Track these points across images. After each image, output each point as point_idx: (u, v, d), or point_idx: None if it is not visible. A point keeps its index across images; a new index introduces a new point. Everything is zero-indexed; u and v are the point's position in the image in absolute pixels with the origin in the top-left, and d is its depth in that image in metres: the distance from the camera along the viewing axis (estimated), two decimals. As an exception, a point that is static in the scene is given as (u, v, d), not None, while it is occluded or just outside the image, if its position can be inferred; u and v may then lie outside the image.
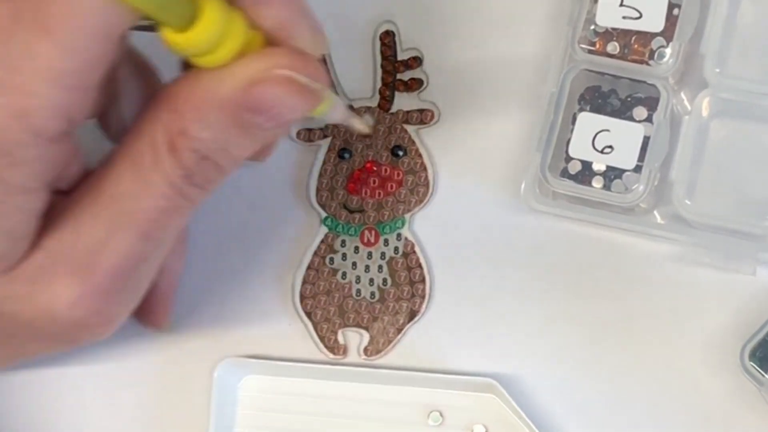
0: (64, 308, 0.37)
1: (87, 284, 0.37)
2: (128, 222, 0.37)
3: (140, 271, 0.38)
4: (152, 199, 0.37)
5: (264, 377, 0.47)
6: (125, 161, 0.37)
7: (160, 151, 0.36)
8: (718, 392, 0.45)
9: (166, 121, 0.36)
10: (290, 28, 0.37)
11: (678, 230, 0.45)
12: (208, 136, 0.36)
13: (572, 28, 0.46)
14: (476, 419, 0.46)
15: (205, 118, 0.36)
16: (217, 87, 0.36)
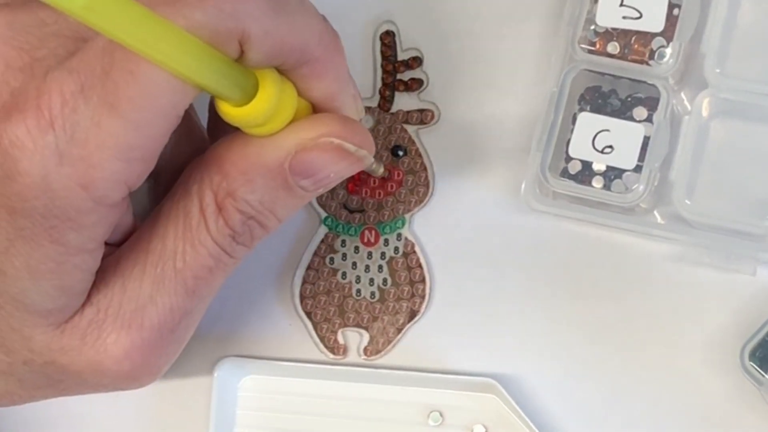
0: (111, 362, 0.38)
1: (134, 339, 0.38)
2: (175, 280, 0.38)
3: (184, 325, 0.40)
4: (199, 258, 0.38)
5: (264, 377, 0.47)
6: (173, 219, 0.38)
7: (208, 211, 0.38)
8: (718, 392, 0.45)
9: (215, 182, 0.38)
10: (337, 98, 0.39)
11: (678, 230, 0.45)
12: (255, 199, 0.38)
13: (572, 28, 0.46)
14: (476, 419, 0.46)
15: (254, 181, 0.37)
16: (267, 152, 0.37)
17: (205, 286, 0.39)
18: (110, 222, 0.37)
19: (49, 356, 0.39)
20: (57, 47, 0.36)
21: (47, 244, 0.35)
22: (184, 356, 0.47)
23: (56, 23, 0.37)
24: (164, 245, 0.38)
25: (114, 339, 0.38)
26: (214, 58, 0.34)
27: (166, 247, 0.38)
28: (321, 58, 0.38)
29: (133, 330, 0.38)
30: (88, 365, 0.39)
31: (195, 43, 0.33)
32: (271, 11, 0.35)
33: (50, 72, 0.35)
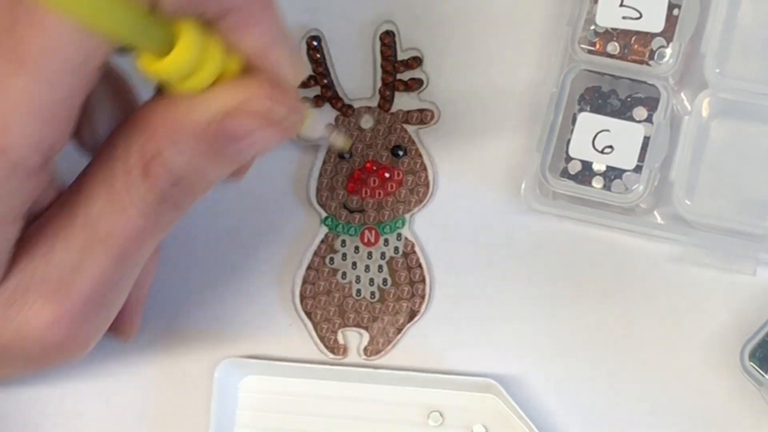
0: (37, 332, 0.37)
1: (61, 308, 0.37)
2: (102, 245, 0.37)
3: (114, 292, 0.38)
4: (126, 222, 0.36)
5: (264, 377, 0.47)
6: (98, 183, 0.36)
7: (134, 174, 0.36)
8: (718, 392, 0.45)
9: (140, 144, 0.36)
10: (269, 53, 0.37)
11: (678, 230, 0.45)
12: (182, 161, 0.36)
13: (572, 28, 0.46)
14: (476, 419, 0.46)
15: (180, 143, 0.36)
16: (193, 113, 0.36)
17: (133, 253, 0.37)
18: (30, 191, 0.35)
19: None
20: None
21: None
22: (184, 356, 0.47)
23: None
24: (89, 210, 0.36)
25: (38, 308, 0.37)
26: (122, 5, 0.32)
27: (91, 212, 0.36)
28: (245, 6, 0.36)
29: (58, 298, 0.37)
30: (13, 336, 0.37)
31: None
32: None
33: None
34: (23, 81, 0.32)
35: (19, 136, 0.33)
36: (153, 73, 0.35)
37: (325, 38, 0.48)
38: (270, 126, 0.36)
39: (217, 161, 0.37)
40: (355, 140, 0.48)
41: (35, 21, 0.32)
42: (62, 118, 0.34)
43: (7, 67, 0.32)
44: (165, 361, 0.47)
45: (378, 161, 0.48)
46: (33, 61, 0.32)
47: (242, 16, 0.36)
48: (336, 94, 0.48)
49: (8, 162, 0.33)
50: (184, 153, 0.36)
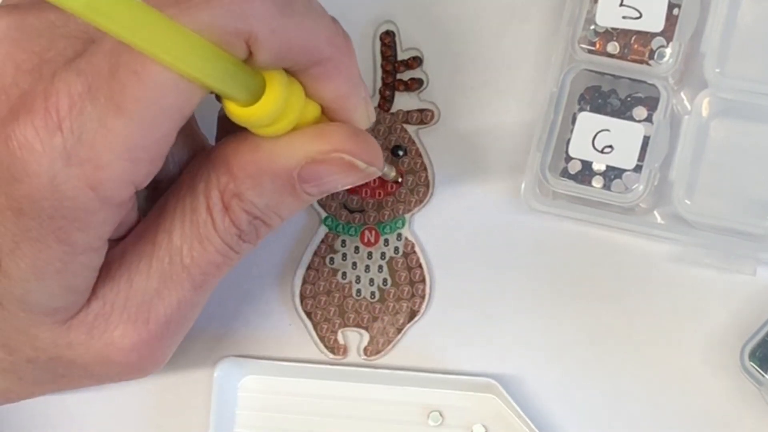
0: (119, 355, 0.39)
1: (141, 333, 0.39)
2: (182, 274, 0.39)
3: (189, 317, 0.41)
4: (207, 254, 0.39)
5: (264, 377, 0.47)
6: (178, 216, 0.39)
7: (215, 210, 0.38)
8: (718, 392, 0.45)
9: (222, 182, 0.38)
10: (347, 101, 0.39)
11: (678, 230, 0.45)
12: (262, 201, 0.38)
13: (572, 28, 0.46)
14: (476, 419, 0.46)
15: (261, 185, 0.38)
16: (276, 159, 0.38)
17: (210, 281, 0.40)
18: (116, 220, 0.37)
19: (55, 352, 0.39)
20: (65, 48, 0.36)
21: (54, 245, 0.36)
22: (184, 356, 0.47)
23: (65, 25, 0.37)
24: (171, 240, 0.38)
25: (121, 332, 0.39)
26: (220, 58, 0.34)
27: (173, 242, 0.38)
28: (331, 59, 0.38)
29: (140, 323, 0.39)
30: (95, 358, 0.39)
31: (201, 43, 0.33)
32: (278, 12, 0.35)
33: (58, 73, 0.35)
34: (121, 124, 0.34)
35: (112, 173, 0.35)
36: (240, 120, 0.36)
37: (325, 38, 0.48)
38: (352, 174, 0.39)
39: (293, 201, 0.39)
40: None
41: (137, 68, 0.33)
42: (153, 158, 0.36)
43: (108, 110, 0.34)
44: (165, 361, 0.47)
45: (378, 161, 0.48)
46: (133, 106, 0.34)
47: (328, 67, 0.38)
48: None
49: (100, 196, 0.35)
50: (264, 195, 0.38)
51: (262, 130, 0.37)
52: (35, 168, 0.34)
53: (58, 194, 0.34)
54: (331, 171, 0.38)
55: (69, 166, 0.34)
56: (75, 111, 0.34)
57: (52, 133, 0.34)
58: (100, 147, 0.34)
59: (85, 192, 0.35)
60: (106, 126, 0.34)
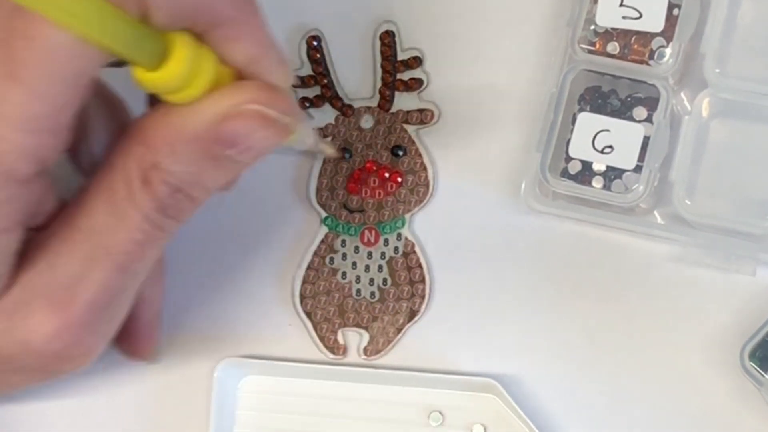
0: (41, 341, 0.37)
1: (64, 318, 0.37)
2: (104, 256, 0.37)
3: (117, 302, 0.39)
4: (127, 232, 0.37)
5: (264, 377, 0.47)
6: (99, 195, 0.37)
7: (133, 184, 0.37)
8: (718, 392, 0.45)
9: (139, 155, 0.36)
10: (259, 62, 0.37)
11: (678, 230, 0.45)
12: (180, 169, 0.37)
13: (572, 28, 0.46)
14: (476, 419, 0.46)
15: (177, 151, 0.36)
16: (189, 121, 0.36)
17: (135, 262, 0.38)
18: (25, 200, 0.35)
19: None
20: None
21: None
22: (184, 356, 0.47)
23: None
24: (92, 221, 0.37)
25: (42, 318, 0.37)
26: (116, 16, 0.33)
27: (93, 223, 0.37)
28: (234, 20, 0.36)
29: (62, 308, 0.37)
30: (17, 347, 0.37)
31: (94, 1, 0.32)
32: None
33: None
34: (16, 93, 0.33)
35: (10, 146, 0.33)
36: (148, 85, 0.35)
37: (325, 38, 0.48)
38: (265, 127, 0.37)
39: (215, 168, 0.37)
40: (355, 140, 0.48)
41: (30, 33, 0.32)
42: (55, 129, 0.34)
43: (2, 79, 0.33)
44: (165, 361, 0.47)
45: (378, 161, 0.48)
46: (26, 73, 0.33)
47: (232, 28, 0.36)
48: (336, 94, 0.48)
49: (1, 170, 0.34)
50: (181, 161, 0.37)
51: (174, 97, 0.36)
52: None
53: None
54: (245, 126, 0.36)
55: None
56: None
57: None
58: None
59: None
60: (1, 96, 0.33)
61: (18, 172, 0.34)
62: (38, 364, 0.39)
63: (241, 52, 0.37)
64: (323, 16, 0.49)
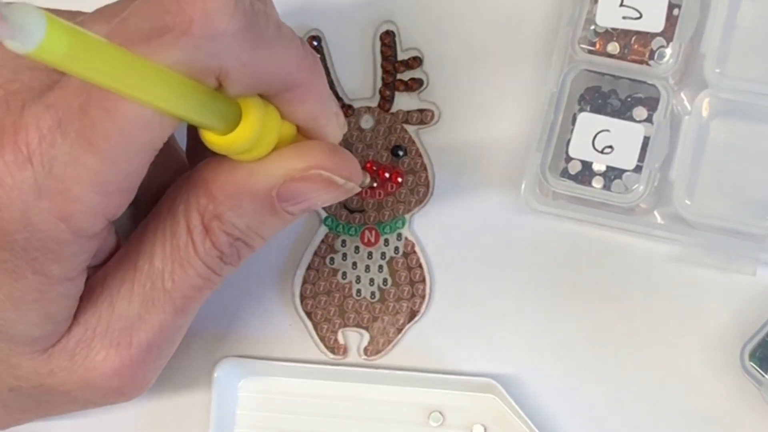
0: (101, 380, 0.39)
1: (123, 357, 0.39)
2: (164, 299, 0.39)
3: (172, 340, 0.41)
4: (188, 278, 0.39)
5: (264, 377, 0.47)
6: (159, 239, 0.39)
7: (195, 233, 0.38)
8: (718, 392, 0.45)
9: (202, 205, 0.38)
10: (320, 118, 0.39)
11: (678, 230, 0.45)
12: (242, 222, 0.38)
13: (572, 28, 0.46)
14: (476, 419, 0.46)
15: (241, 206, 0.38)
16: (255, 179, 0.38)
17: (193, 304, 0.40)
18: (91, 250, 0.37)
19: (37, 380, 0.39)
20: (31, 80, 0.36)
21: (30, 276, 0.36)
22: (184, 356, 0.47)
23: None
24: (152, 264, 0.38)
25: (103, 357, 0.39)
26: (192, 91, 0.34)
27: (154, 266, 0.38)
28: (302, 82, 0.38)
29: (122, 348, 0.39)
30: (77, 384, 0.39)
31: (172, 78, 0.33)
32: (248, 45, 0.35)
33: (27, 107, 0.34)
34: (92, 160, 0.34)
35: (83, 207, 0.35)
36: (218, 148, 0.36)
37: (325, 38, 0.48)
38: (330, 191, 0.39)
39: (274, 220, 0.39)
40: (355, 140, 0.48)
41: (108, 106, 0.33)
42: (124, 191, 0.36)
43: (79, 145, 0.34)
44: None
45: (378, 161, 0.48)
46: (104, 142, 0.34)
47: (300, 90, 0.38)
48: (336, 94, 0.48)
49: (71, 229, 0.35)
50: (244, 216, 0.38)
51: (242, 156, 0.37)
52: (6, 201, 0.34)
53: (30, 227, 0.34)
54: (309, 188, 0.38)
55: (40, 199, 0.34)
56: (45, 145, 0.34)
57: (22, 166, 0.34)
58: (71, 180, 0.34)
59: (56, 225, 0.35)
60: (77, 161, 0.34)
61: (88, 231, 0.36)
62: (96, 398, 0.40)
63: (305, 112, 0.38)
64: (323, 16, 0.49)
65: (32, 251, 0.35)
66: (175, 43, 0.33)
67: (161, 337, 0.39)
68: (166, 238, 0.38)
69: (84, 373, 0.39)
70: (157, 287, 0.38)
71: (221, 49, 0.34)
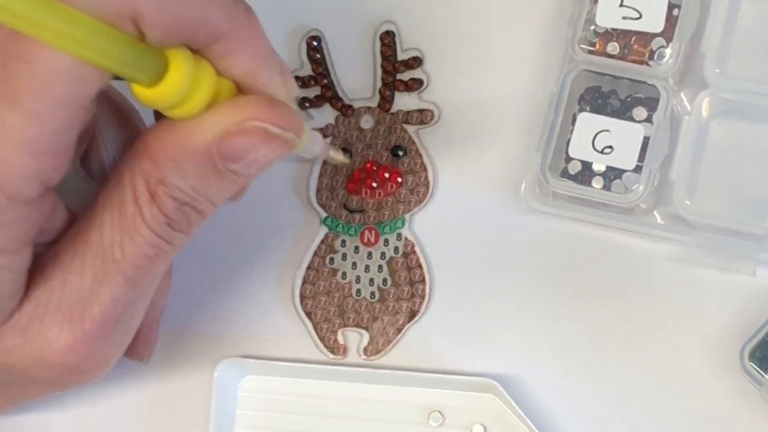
0: (56, 356, 0.38)
1: (77, 332, 0.38)
2: (114, 270, 0.38)
3: (129, 314, 0.39)
4: (137, 246, 0.37)
5: (264, 377, 0.47)
6: (107, 210, 0.37)
7: (141, 200, 0.37)
8: (718, 392, 0.45)
9: (145, 170, 0.37)
10: (259, 75, 0.38)
11: (678, 230, 0.45)
12: (187, 184, 0.37)
13: (572, 28, 0.46)
14: (476, 419, 0.46)
15: (183, 167, 0.37)
16: (193, 137, 0.37)
17: (146, 275, 0.38)
18: (32, 220, 0.36)
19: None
20: None
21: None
22: (184, 356, 0.47)
23: None
24: (101, 236, 0.37)
25: (57, 332, 0.38)
26: (110, 38, 0.33)
27: (104, 238, 0.37)
28: (232, 33, 0.36)
29: (75, 322, 0.38)
30: (33, 361, 0.38)
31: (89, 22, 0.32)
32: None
33: None
34: (16, 117, 0.33)
35: (13, 169, 0.34)
36: (146, 101, 0.35)
37: (325, 38, 0.48)
38: (268, 142, 0.37)
39: (220, 182, 0.38)
40: (355, 140, 0.48)
41: (26, 56, 0.32)
42: (58, 149, 0.34)
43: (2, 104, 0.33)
44: (165, 361, 0.47)
45: (378, 161, 0.48)
46: (25, 97, 0.33)
47: (230, 42, 0.37)
48: (336, 94, 0.48)
49: (4, 194, 0.34)
50: (187, 177, 0.37)
51: (174, 112, 0.36)
52: None
53: None
54: (248, 142, 0.37)
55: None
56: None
57: None
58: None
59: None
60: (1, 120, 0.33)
61: (22, 195, 0.35)
62: (53, 377, 0.39)
63: (240, 66, 0.37)
64: (323, 16, 0.49)
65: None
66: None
67: (116, 310, 0.38)
68: (114, 209, 0.37)
69: (38, 350, 0.38)
70: (107, 259, 0.37)
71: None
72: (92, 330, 0.38)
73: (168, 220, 0.38)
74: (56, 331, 0.37)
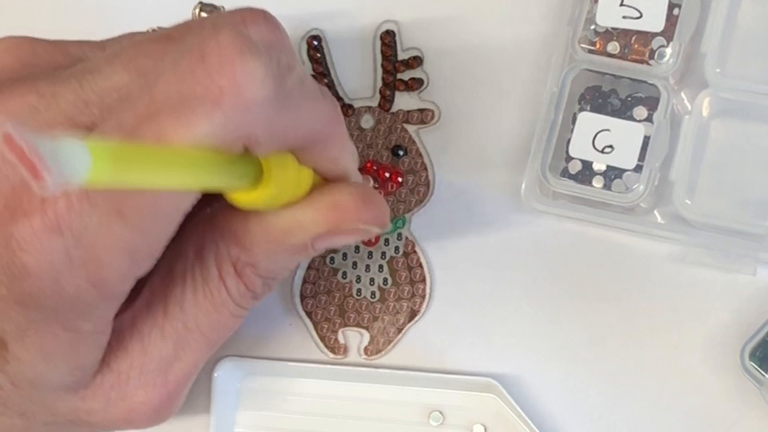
0: (139, 418, 0.40)
1: (161, 393, 0.40)
2: (199, 339, 0.40)
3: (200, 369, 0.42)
4: (222, 318, 0.40)
5: (264, 377, 0.47)
6: (189, 285, 0.39)
7: (228, 279, 0.39)
8: (718, 392, 0.45)
9: (233, 255, 0.39)
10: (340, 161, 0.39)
11: (678, 230, 0.45)
12: (277, 265, 0.40)
13: (572, 28, 0.46)
14: (476, 419, 0.46)
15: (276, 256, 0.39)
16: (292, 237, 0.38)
17: (225, 337, 0.41)
18: (119, 304, 0.37)
19: (74, 416, 0.40)
20: None
21: (60, 333, 0.36)
22: (184, 356, 0.47)
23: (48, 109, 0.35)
24: (183, 309, 0.39)
25: (141, 397, 0.40)
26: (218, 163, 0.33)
27: (186, 310, 0.39)
28: (328, 136, 0.38)
29: (159, 386, 0.40)
30: (115, 423, 0.40)
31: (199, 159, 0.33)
32: (275, 113, 0.34)
33: None
34: (123, 230, 0.34)
35: (114, 272, 0.35)
36: (244, 206, 0.36)
37: (325, 38, 0.48)
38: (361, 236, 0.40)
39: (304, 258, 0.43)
40: (355, 140, 0.48)
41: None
42: (153, 253, 0.36)
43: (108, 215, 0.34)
44: (165, 360, 0.47)
45: (378, 161, 0.48)
46: (133, 213, 0.34)
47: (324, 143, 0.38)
48: (336, 94, 0.48)
49: (102, 293, 0.35)
50: (279, 262, 0.40)
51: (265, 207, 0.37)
52: (35, 269, 0.34)
53: (60, 292, 0.35)
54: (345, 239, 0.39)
55: (71, 267, 0.34)
56: (73, 214, 0.33)
57: (51, 234, 0.33)
58: (101, 249, 0.34)
59: (87, 289, 0.35)
60: (107, 230, 0.34)
61: (118, 292, 0.36)
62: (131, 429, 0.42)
63: (327, 159, 0.39)
64: (323, 16, 0.49)
65: (63, 312, 0.35)
66: (205, 117, 0.33)
67: (196, 369, 0.41)
68: (196, 284, 0.39)
69: (122, 413, 0.40)
70: (191, 329, 0.40)
71: (250, 118, 0.33)
72: (175, 390, 0.40)
73: (254, 295, 0.40)
74: (141, 396, 0.40)
